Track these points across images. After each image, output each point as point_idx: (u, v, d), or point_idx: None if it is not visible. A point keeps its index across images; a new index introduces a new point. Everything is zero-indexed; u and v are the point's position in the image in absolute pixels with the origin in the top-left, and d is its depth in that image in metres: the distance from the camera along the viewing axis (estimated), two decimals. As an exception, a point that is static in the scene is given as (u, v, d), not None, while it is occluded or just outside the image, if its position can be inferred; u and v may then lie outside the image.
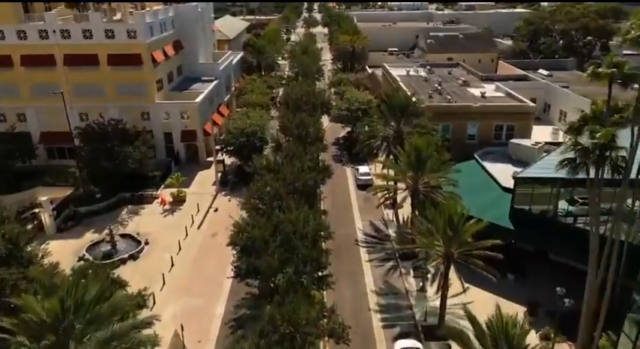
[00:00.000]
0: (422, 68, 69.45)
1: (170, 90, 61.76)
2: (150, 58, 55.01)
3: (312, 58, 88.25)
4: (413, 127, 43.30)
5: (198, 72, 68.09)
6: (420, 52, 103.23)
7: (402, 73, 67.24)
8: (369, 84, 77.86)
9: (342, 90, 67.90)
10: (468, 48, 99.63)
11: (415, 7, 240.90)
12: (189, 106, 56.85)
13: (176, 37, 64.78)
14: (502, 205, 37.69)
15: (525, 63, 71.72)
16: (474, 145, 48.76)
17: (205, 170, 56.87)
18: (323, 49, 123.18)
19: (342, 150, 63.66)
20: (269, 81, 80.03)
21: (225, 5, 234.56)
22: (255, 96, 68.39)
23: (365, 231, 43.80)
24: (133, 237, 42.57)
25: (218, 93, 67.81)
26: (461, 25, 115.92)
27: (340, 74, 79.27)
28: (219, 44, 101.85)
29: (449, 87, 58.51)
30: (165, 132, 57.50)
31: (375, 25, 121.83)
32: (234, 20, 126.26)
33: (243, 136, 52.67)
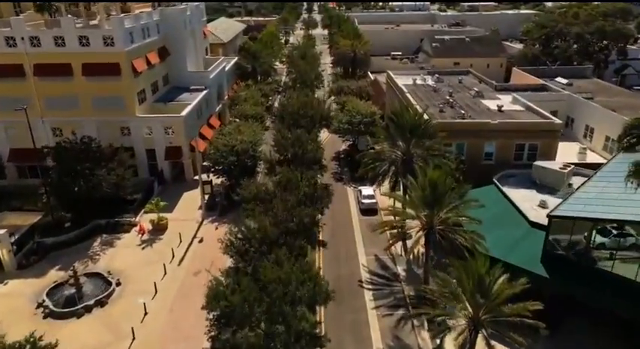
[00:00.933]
0: (430, 76, 63.78)
1: (154, 102, 56.11)
2: (130, 67, 49.38)
3: (311, 64, 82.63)
4: (424, 150, 37.65)
5: (187, 81, 62.45)
6: (425, 56, 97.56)
7: (408, 81, 61.57)
8: (371, 92, 72.29)
9: (342, 100, 62.23)
10: (475, 52, 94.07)
11: (417, 8, 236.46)
12: (173, 120, 51.19)
13: (161, 43, 59.15)
14: (531, 245, 32.08)
15: (541, 70, 66.00)
16: (492, 166, 43.13)
17: (192, 190, 51.14)
18: (322, 52, 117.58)
19: (343, 167, 58.01)
20: (264, 88, 74.40)
21: (222, 6, 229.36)
22: (248, 106, 62.78)
23: (370, 269, 38.11)
24: (103, 276, 36.90)
25: (208, 104, 62.20)
26: (467, 27, 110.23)
27: (341, 81, 73.62)
28: (213, 48, 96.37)
29: (461, 99, 52.83)
30: (147, 149, 51.88)
31: (377, 27, 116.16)
32: (230, 22, 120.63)
33: (233, 155, 47.08)
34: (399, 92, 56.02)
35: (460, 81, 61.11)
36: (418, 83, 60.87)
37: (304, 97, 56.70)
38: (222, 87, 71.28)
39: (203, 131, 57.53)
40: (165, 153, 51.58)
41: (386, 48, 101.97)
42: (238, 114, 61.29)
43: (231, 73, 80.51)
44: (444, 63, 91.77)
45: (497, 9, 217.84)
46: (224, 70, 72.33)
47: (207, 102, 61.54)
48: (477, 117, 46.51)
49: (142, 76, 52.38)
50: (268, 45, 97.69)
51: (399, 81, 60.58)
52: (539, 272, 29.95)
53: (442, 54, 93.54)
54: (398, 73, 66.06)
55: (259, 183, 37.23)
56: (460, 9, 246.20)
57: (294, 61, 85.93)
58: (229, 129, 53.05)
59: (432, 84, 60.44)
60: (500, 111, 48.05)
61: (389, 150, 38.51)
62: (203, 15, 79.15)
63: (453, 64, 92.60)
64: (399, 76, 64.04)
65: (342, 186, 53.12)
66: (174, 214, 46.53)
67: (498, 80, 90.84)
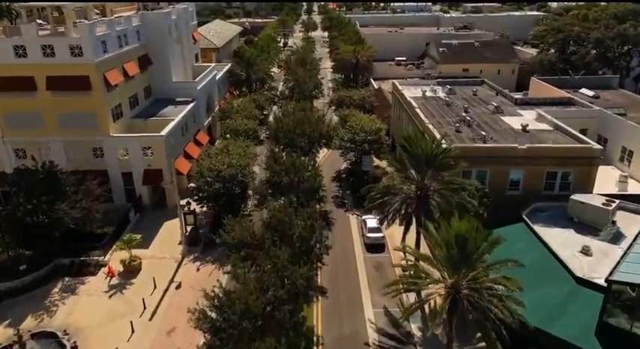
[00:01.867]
0: (440, 87, 57.41)
1: (133, 118, 49.82)
2: (102, 80, 43.10)
3: (310, 71, 76.30)
4: (443, 184, 31.37)
5: (172, 92, 56.17)
6: (431, 61, 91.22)
7: (416, 93, 55.27)
8: (375, 102, 65.97)
9: (344, 114, 55.90)
10: (485, 58, 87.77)
11: (419, 9, 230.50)
12: (152, 140, 44.88)
13: (142, 51, 52.85)
14: (579, 309, 25.85)
15: (562, 80, 59.64)
16: (519, 198, 36.88)
17: (174, 219, 44.41)
18: (322, 56, 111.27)
19: (345, 189, 51.71)
20: (259, 98, 68.05)
21: (221, 7, 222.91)
22: (240, 120, 56.46)
23: (378, 326, 31.75)
24: (56, 336, 30.61)
25: (195, 118, 55.90)
26: (475, 31, 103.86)
27: (342, 91, 67.27)
28: (205, 53, 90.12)
29: (478, 116, 46.50)
30: (124, 172, 45.62)
31: (380, 30, 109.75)
32: (225, 25, 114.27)
33: (219, 181, 40.82)
34: (408, 107, 49.69)
35: (475, 93, 54.73)
36: (428, 95, 54.52)
37: (301, 112, 50.35)
38: (213, 97, 64.99)
39: (189, 149, 51.24)
40: (144, 177, 45.28)
41: (389, 53, 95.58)
42: (228, 130, 55.01)
43: (224, 81, 74.25)
44: (452, 69, 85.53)
45: (501, 10, 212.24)
46: (215, 79, 66.03)
47: (194, 116, 55.25)
48: (500, 138, 40.18)
49: (117, 90, 46.07)
50: (264, 49, 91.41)
51: (407, 93, 54.27)
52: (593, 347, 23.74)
53: (450, 59, 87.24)
54: (405, 84, 59.73)
55: (245, 223, 30.90)
56: (463, 10, 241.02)
57: (291, 68, 79.58)
58: (216, 150, 46.81)
59: (444, 96, 54.08)
60: (526, 131, 41.72)
61: (400, 183, 32.17)
62: (193, 18, 72.80)
63: (462, 70, 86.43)
64: (407, 87, 57.71)
65: (344, 214, 46.83)
66: (150, 250, 40.23)
67: (510, 87, 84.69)
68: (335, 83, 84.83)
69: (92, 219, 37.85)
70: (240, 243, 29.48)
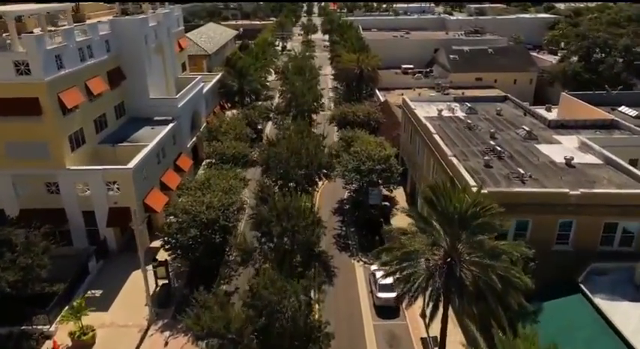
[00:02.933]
0: (458, 105, 49.63)
1: (100, 144, 42.12)
2: (55, 102, 35.40)
3: (309, 81, 68.52)
4: (480, 250, 23.65)
5: (149, 110, 48.47)
6: (441, 70, 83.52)
7: (431, 112, 47.60)
8: (381, 117, 58.23)
9: (348, 136, 48.12)
10: (500, 66, 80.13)
11: (421, 10, 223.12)
12: (118, 174, 37.15)
13: (114, 65, 45.16)
14: None
15: (597, 96, 51.83)
16: (568, 255, 29.29)
17: (146, 266, 37.14)
18: (323, 61, 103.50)
19: (348, 225, 44.01)
20: (252, 114, 60.30)
21: (218, 8, 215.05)
22: (228, 142, 48.73)
23: None
24: None
25: (177, 140, 48.22)
26: (486, 35, 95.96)
27: (344, 106, 59.48)
28: (196, 60, 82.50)
29: (509, 144, 38.76)
30: (85, 211, 37.95)
31: (384, 35, 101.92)
32: (219, 29, 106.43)
33: (195, 227, 33.18)
34: (423, 130, 41.92)
35: (499, 112, 46.92)
36: (445, 115, 46.75)
37: (298, 135, 42.58)
38: (199, 113, 57.26)
39: (166, 179, 43.54)
40: (109, 216, 37.55)
41: (394, 59, 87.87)
42: (214, 153, 47.31)
43: (214, 93, 66.52)
44: (464, 78, 77.97)
45: (506, 11, 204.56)
46: (201, 92, 58.28)
47: (174, 138, 47.54)
48: (541, 176, 32.44)
49: (77, 113, 38.35)
50: (260, 56, 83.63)
51: (421, 112, 46.51)
52: None
53: (461, 68, 79.59)
54: (417, 100, 51.93)
55: (220, 301, 23.21)
56: (467, 11, 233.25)
57: (288, 77, 71.80)
58: (196, 183, 39.12)
59: (464, 116, 46.35)
60: (570, 165, 33.96)
61: (425, 248, 24.41)
62: (178, 23, 65.16)
63: (475, 79, 78.82)
64: (419, 105, 49.92)
65: (348, 260, 39.10)
66: (110, 314, 32.58)
67: (527, 99, 76.90)
68: (336, 93, 77.25)
69: (35, 278, 30.18)
70: (211, 334, 21.82)
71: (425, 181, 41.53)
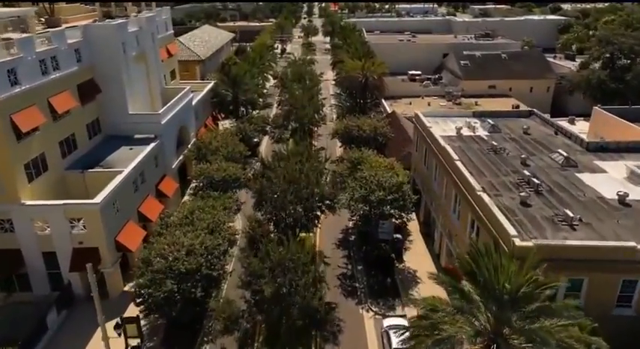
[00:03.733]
0: (479, 122, 43.66)
1: (68, 169, 36.23)
2: (8, 125, 29.55)
3: (310, 90, 62.66)
4: (533, 334, 17.72)
5: (128, 127, 42.59)
6: (451, 76, 77.57)
7: (448, 130, 41.75)
8: (390, 133, 52.21)
9: (354, 158, 42.10)
10: (515, 72, 74.25)
11: (424, 11, 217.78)
12: (83, 210, 31.26)
13: (86, 76, 39.29)
14: None
15: (632, 111, 45.78)
16: (632, 320, 23.44)
17: (118, 318, 31.18)
18: (324, 66, 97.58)
19: (355, 263, 38.07)
20: (246, 128, 54.32)
21: (216, 9, 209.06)
22: (218, 163, 42.73)
23: None
24: None
25: (159, 162, 42.34)
26: (498, 39, 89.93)
27: (348, 119, 53.45)
28: (188, 66, 76.75)
29: (544, 172, 32.83)
30: (45, 252, 32.07)
31: (388, 38, 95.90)
32: (214, 31, 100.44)
33: (172, 277, 27.28)
34: (442, 154, 35.99)
35: (526, 131, 40.92)
36: (465, 134, 40.83)
37: (296, 159, 36.68)
38: (188, 128, 51.37)
39: (145, 208, 37.67)
40: (73, 258, 31.66)
41: (401, 65, 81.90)
42: (201, 177, 41.31)
43: (206, 103, 60.59)
44: (477, 86, 72.13)
45: (511, 12, 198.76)
46: (190, 104, 52.33)
47: (156, 159, 41.66)
48: (592, 218, 26.53)
49: (36, 136, 32.46)
50: (257, 62, 77.65)
51: (437, 130, 40.60)
52: None
53: (474, 75, 73.66)
54: (431, 115, 45.92)
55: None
56: (470, 12, 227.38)
57: (287, 85, 65.94)
58: (177, 218, 33.21)
59: (486, 136, 40.43)
60: (625, 204, 28.05)
61: (465, 336, 18.45)
62: (167, 28, 59.26)
63: (488, 87, 72.99)
64: (434, 120, 44.00)
65: (355, 309, 33.13)
66: (68, 385, 26.71)
67: (545, 108, 70.98)
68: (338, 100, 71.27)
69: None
70: None
71: (445, 215, 35.64)
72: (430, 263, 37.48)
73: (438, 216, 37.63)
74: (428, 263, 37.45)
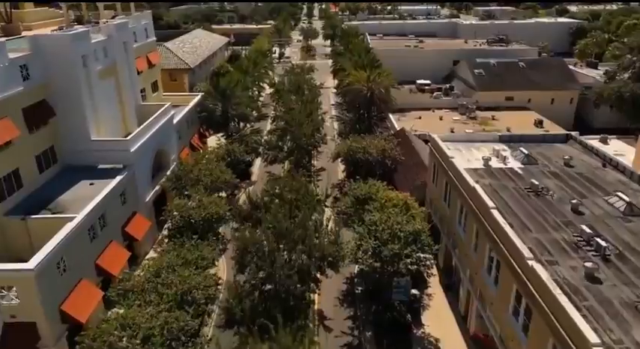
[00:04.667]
0: (508, 149, 36.49)
1: (7, 215, 29.10)
2: None
3: (310, 103, 55.51)
4: None
5: (91, 156, 35.45)
6: (463, 86, 70.39)
7: (472, 160, 34.63)
8: (399, 156, 45.11)
9: (361, 194, 34.79)
10: (534, 82, 67.07)
11: (427, 13, 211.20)
12: (13, 277, 24.12)
13: (37, 98, 32.15)
14: None
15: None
16: None
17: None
18: (324, 73, 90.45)
19: (365, 327, 30.85)
20: (235, 149, 47.16)
21: (213, 10, 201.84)
22: (200, 194, 35.52)
23: None
24: None
25: (128, 198, 35.15)
26: (513, 45, 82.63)
27: (351, 140, 46.12)
28: (176, 75, 69.83)
29: (604, 225, 25.66)
30: (-31, 327, 24.95)
31: (393, 43, 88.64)
32: (207, 36, 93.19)
33: None
34: (470, 196, 28.79)
35: (568, 162, 33.69)
36: (494, 166, 33.66)
37: (290, 201, 29.58)
38: (168, 150, 44.25)
39: (105, 261, 30.49)
40: (3, 336, 24.53)
41: (407, 73, 74.63)
42: (178, 217, 34.08)
43: (191, 120, 53.47)
44: (493, 98, 65.01)
45: (516, 13, 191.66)
46: (171, 124, 45.19)
47: (124, 195, 34.53)
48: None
49: (-43, 179, 25.38)
50: (251, 70, 70.47)
51: (459, 160, 33.41)
52: None
53: (489, 85, 66.48)
54: (450, 140, 38.74)
55: None
56: (473, 13, 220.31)
57: (283, 99, 58.79)
58: (139, 282, 26.10)
59: (520, 169, 33.27)
60: None
61: None
62: (147, 33, 52.28)
63: (505, 98, 65.82)
64: (455, 147, 36.87)
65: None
66: None
67: (567, 121, 63.98)
68: (339, 111, 64.19)
69: None
70: None
71: (474, 272, 28.48)
72: (455, 328, 30.39)
73: (464, 269, 30.49)
74: (452, 328, 30.36)
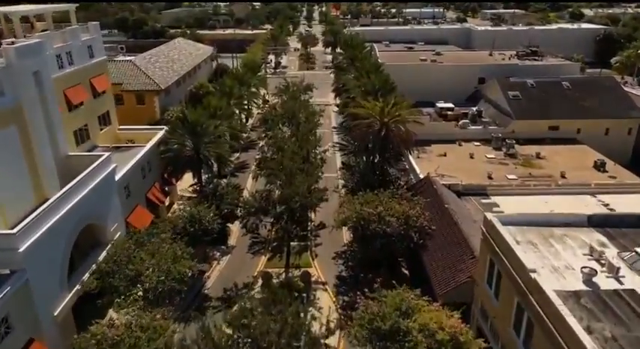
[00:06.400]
0: (604, 238, 23.27)
1: None
2: None
3: (307, 142, 42.36)
4: None
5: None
6: (493, 110, 57.08)
7: (564, 271, 21.33)
8: (429, 226, 31.94)
9: (379, 324, 21.52)
10: (583, 108, 53.81)
11: (432, 16, 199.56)
12: None
13: None
14: None
15: None
16: None
17: None
18: (324, 87, 77.31)
19: None
20: (204, 213, 33.82)
21: (208, 14, 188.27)
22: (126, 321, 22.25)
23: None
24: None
25: (14, 324, 21.87)
26: (548, 59, 68.91)
27: (362, 201, 32.70)
28: (145, 97, 56.82)
29: None
30: None
31: (407, 57, 75.14)
32: (188, 47, 79.46)
33: None
34: None
35: None
36: (604, 287, 20.32)
37: None
38: (104, 222, 30.95)
39: None
40: None
41: (423, 92, 61.30)
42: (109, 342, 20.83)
43: (150, 166, 40.25)
44: (533, 127, 52.10)
45: (528, 17, 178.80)
46: (111, 182, 31.89)
47: (6, 321, 21.26)
48: None
49: None
50: (235, 92, 57.13)
51: (545, 277, 20.10)
52: None
53: (529, 112, 53.22)
54: (516, 224, 25.35)
55: None
56: (481, 16, 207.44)
57: (273, 132, 45.55)
58: None
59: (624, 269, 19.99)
60: None
61: None
62: (92, 52, 39.12)
63: (548, 128, 52.56)
64: (523, 235, 23.58)
65: None
66: None
67: (623, 156, 50.95)
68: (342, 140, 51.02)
69: None
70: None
71: None
72: None
73: None
74: None
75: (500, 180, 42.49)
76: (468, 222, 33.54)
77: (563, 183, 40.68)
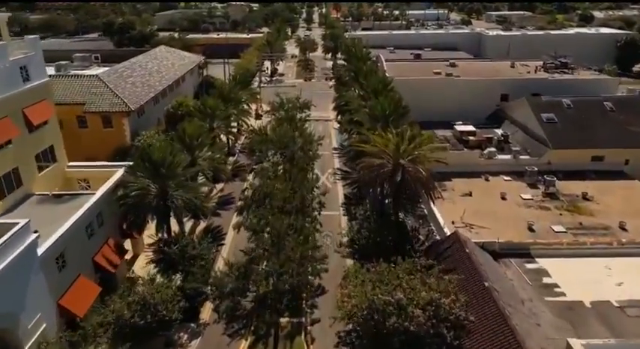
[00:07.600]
0: None
1: None
2: None
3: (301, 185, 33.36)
4: None
5: None
6: (522, 134, 48.08)
7: None
8: (466, 317, 22.93)
9: None
10: (632, 134, 44.79)
11: (436, 18, 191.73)
12: None
13: None
14: None
15: None
16: None
17: None
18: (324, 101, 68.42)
19: None
20: (161, 296, 24.78)
21: (202, 15, 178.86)
22: None
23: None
24: None
25: None
26: (580, 72, 59.54)
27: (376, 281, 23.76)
28: (112, 119, 48.01)
29: None
30: None
31: (418, 69, 65.88)
32: (170, 57, 70.00)
33: None
34: None
35: None
36: None
37: None
38: (16, 321, 21.99)
39: None
40: None
41: (435, 110, 52.44)
42: None
43: (103, 218, 31.26)
44: (575, 158, 43.12)
45: (535, 19, 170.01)
46: (30, 262, 22.91)
47: None
48: None
49: None
50: (218, 114, 48.03)
51: None
52: None
53: (568, 139, 44.17)
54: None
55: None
56: (486, 18, 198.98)
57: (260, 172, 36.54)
58: None
59: None
60: None
61: None
62: (28, 74, 30.21)
63: (591, 158, 43.67)
64: None
65: None
66: None
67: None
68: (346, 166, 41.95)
69: None
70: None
71: None
72: None
73: None
74: None
75: (545, 233, 33.58)
76: (514, 302, 24.73)
77: (628, 239, 31.73)
